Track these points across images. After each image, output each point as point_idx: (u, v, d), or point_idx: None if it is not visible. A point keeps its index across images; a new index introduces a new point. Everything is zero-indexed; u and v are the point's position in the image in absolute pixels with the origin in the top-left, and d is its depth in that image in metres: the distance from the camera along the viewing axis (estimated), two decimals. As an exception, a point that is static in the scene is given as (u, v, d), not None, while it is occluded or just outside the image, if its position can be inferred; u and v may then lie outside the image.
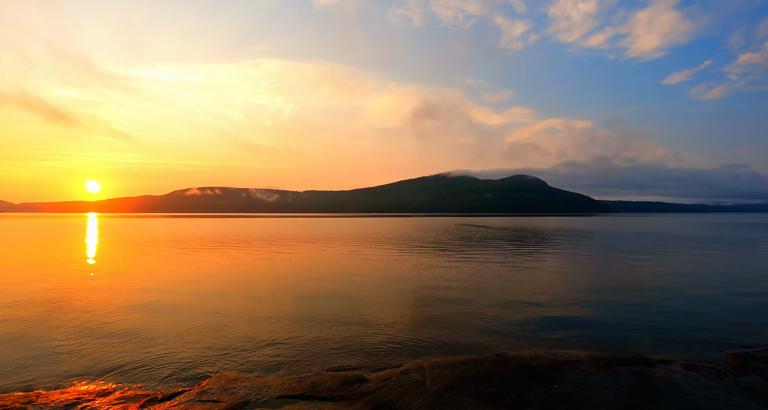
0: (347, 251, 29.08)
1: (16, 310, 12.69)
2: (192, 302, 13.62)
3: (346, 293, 14.59)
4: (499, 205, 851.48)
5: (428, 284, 16.18)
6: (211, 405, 6.17)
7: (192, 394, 6.58)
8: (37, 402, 6.38)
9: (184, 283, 17.14)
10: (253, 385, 6.88)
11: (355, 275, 18.55)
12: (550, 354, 8.43)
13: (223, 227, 72.18)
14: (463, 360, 8.02)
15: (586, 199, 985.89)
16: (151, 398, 6.47)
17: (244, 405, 6.21)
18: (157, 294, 14.83)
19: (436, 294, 14.30)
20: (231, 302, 13.45)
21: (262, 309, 12.45)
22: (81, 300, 13.95)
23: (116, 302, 13.68)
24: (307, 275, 18.59)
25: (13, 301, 13.93)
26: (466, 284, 16.03)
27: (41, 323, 11.19)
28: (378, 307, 12.55)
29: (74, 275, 19.68)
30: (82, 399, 6.52)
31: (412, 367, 7.66)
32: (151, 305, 13.19)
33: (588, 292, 14.67)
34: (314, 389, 6.69)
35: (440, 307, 12.50)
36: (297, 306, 12.78)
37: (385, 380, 7.07)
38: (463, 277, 17.64)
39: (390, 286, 15.83)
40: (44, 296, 14.60)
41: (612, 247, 32.21)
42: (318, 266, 21.79)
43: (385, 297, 13.92)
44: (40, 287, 16.43)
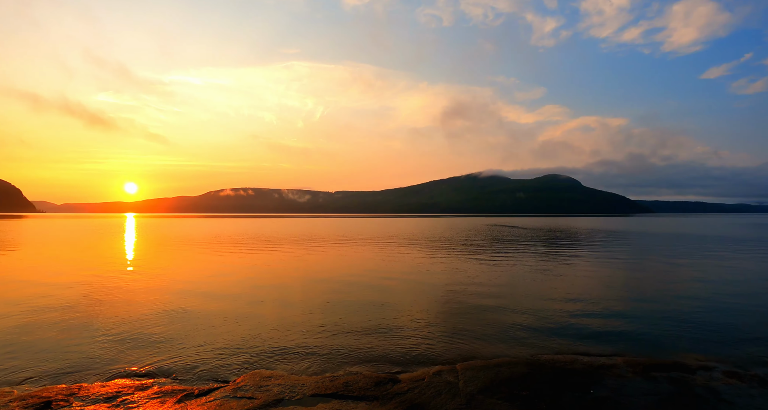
0: (378, 252, 29.15)
1: (59, 306, 13.19)
2: (226, 299, 13.87)
3: (376, 294, 14.62)
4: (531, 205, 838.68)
5: (459, 285, 16.05)
6: (245, 402, 6.26)
7: (227, 390, 6.70)
8: (79, 395, 6.59)
9: (218, 281, 17.49)
10: (286, 383, 6.96)
11: (385, 275, 18.56)
12: (586, 358, 8.25)
13: (256, 227, 73.31)
14: (497, 362, 7.93)
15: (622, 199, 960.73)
16: (187, 393, 6.61)
17: (278, 403, 6.29)
18: (191, 292, 15.17)
19: (467, 296, 14.17)
20: (263, 300, 13.64)
21: (293, 308, 12.57)
22: (119, 297, 14.38)
23: (153, 299, 14.04)
24: (339, 275, 18.69)
25: (55, 298, 14.49)
26: (498, 286, 15.85)
27: (82, 319, 11.57)
28: (409, 308, 12.52)
29: (113, 273, 20.32)
30: (121, 392, 6.71)
31: (445, 369, 7.61)
32: (185, 302, 13.50)
33: (624, 295, 14.28)
34: (347, 388, 6.72)
35: (472, 309, 12.37)
36: (328, 305, 12.86)
37: (417, 381, 7.04)
38: (495, 278, 17.45)
39: (421, 287, 15.77)
40: (85, 293, 15.12)
41: (649, 249, 31.30)
42: (349, 266, 21.91)
43: (416, 298, 13.88)
44: (81, 285, 17.04)
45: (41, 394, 6.55)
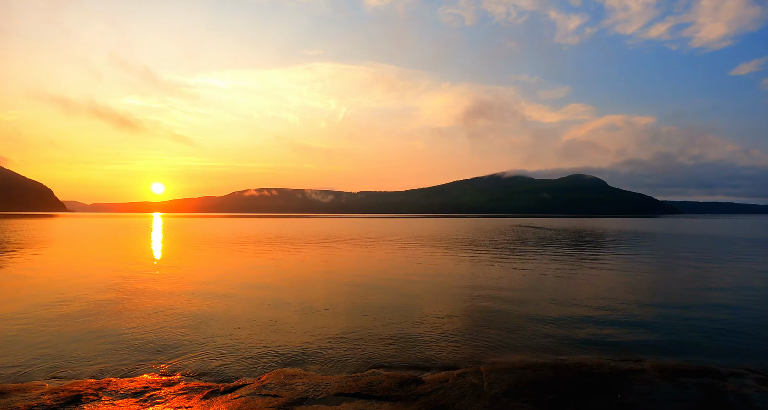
0: (401, 252, 29.14)
1: (87, 302, 13.52)
2: (250, 297, 14.03)
3: (400, 294, 14.60)
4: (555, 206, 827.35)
5: (483, 286, 15.95)
6: (270, 400, 6.31)
7: (252, 388, 6.77)
8: (108, 389, 6.73)
9: (242, 279, 17.72)
10: (311, 382, 7.00)
11: (408, 276, 18.54)
12: (613, 361, 8.10)
13: (280, 227, 73.95)
14: (522, 365, 7.84)
15: (649, 199, 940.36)
16: (213, 390, 6.70)
17: (303, 401, 6.32)
18: (216, 289, 15.39)
19: (490, 297, 14.05)
20: (287, 299, 13.76)
21: (316, 307, 12.64)
22: (146, 294, 14.69)
23: (178, 296, 14.29)
24: (361, 275, 18.74)
25: (84, 294, 14.89)
26: (522, 287, 15.69)
27: (110, 315, 11.84)
28: (432, 309, 12.47)
29: (139, 271, 20.77)
30: (149, 388, 6.83)
31: (469, 370, 7.55)
32: (210, 300, 13.70)
33: (650, 300, 13.97)
34: (371, 388, 6.72)
35: (495, 311, 12.26)
36: (351, 305, 12.89)
37: (441, 382, 7.01)
38: (519, 280, 17.29)
39: (444, 288, 15.71)
40: (112, 290, 15.50)
41: (677, 251, 30.59)
42: (372, 266, 21.95)
43: (439, 299, 13.82)
44: (108, 282, 17.47)
45: (71, 388, 6.71)
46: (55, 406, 6.08)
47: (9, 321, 11.21)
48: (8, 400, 6.30)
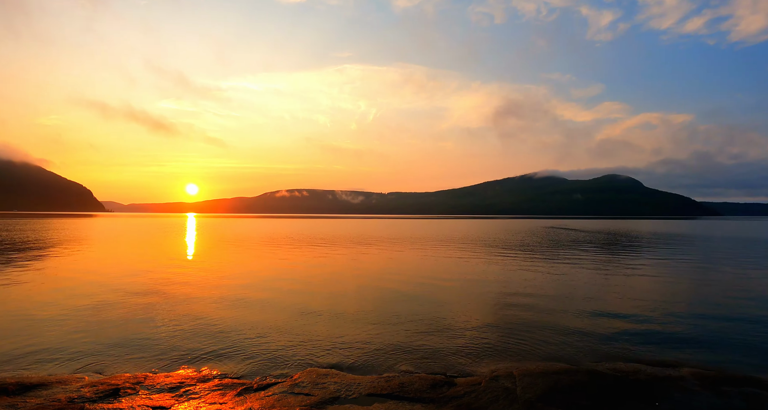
0: (431, 254, 29.00)
1: (125, 299, 13.92)
2: (280, 296, 14.18)
3: (429, 295, 14.53)
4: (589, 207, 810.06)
5: (514, 289, 15.72)
6: (303, 398, 6.35)
7: (285, 386, 6.83)
8: (145, 384, 6.90)
9: (273, 278, 17.93)
10: (342, 381, 7.01)
11: (439, 277, 18.44)
12: (650, 368, 7.85)
13: (311, 228, 74.60)
14: (556, 369, 7.67)
15: (687, 200, 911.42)
16: (247, 387, 6.79)
17: (335, 401, 6.34)
18: (249, 288, 15.62)
19: (522, 300, 13.84)
20: (316, 299, 13.85)
21: (347, 307, 12.68)
22: (180, 291, 15.02)
23: (212, 294, 14.57)
24: (391, 276, 18.73)
25: (122, 291, 15.34)
26: (555, 291, 15.39)
27: (146, 311, 12.14)
28: (462, 310, 12.35)
29: (174, 269, 21.26)
30: (184, 383, 6.97)
31: (502, 374, 7.44)
32: (243, 298, 13.90)
33: (688, 305, 13.47)
34: (402, 389, 6.69)
35: (527, 314, 12.06)
36: (381, 306, 12.88)
37: (474, 385, 6.92)
38: (552, 283, 16.97)
39: (475, 290, 15.55)
40: (148, 287, 15.91)
41: (716, 256, 29.43)
42: (401, 267, 21.91)
43: (470, 301, 13.69)
44: (145, 279, 17.98)
45: (110, 381, 6.89)
46: (94, 399, 6.25)
47: (50, 315, 11.62)
48: (50, 392, 6.51)
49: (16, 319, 11.34)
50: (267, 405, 6.09)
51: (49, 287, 15.68)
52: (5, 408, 5.57)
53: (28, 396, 6.31)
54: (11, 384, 6.68)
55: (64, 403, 5.83)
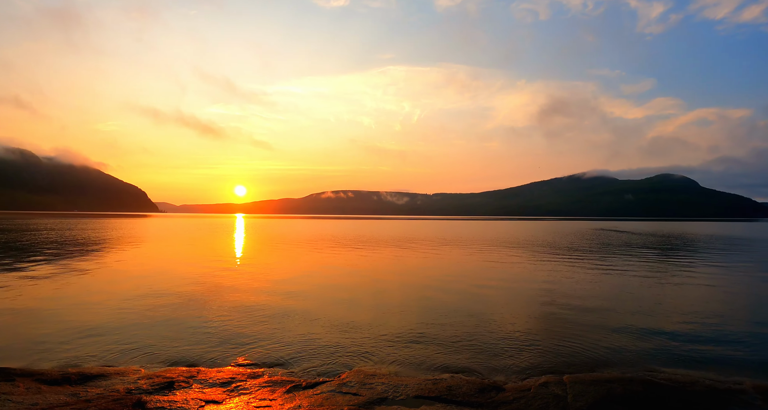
0: (477, 256, 28.57)
1: (175, 295, 14.41)
2: (326, 296, 14.34)
3: (475, 298, 14.31)
4: (641, 208, 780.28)
5: (562, 293, 15.24)
6: (350, 398, 6.37)
7: (332, 385, 6.87)
8: (198, 378, 7.10)
9: (318, 278, 18.13)
10: (390, 382, 6.99)
11: (484, 280, 18.13)
12: (708, 380, 7.43)
13: (356, 229, 75.09)
14: (608, 378, 7.38)
15: (746, 201, 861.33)
16: (295, 384, 6.87)
17: (382, 401, 6.33)
18: (295, 287, 15.87)
19: (571, 305, 13.40)
20: (361, 299, 13.93)
21: (391, 308, 12.67)
22: (230, 289, 15.42)
23: (260, 292, 14.86)
24: (436, 278, 18.59)
25: (172, 287, 15.91)
26: (606, 296, 14.83)
27: (198, 308, 12.55)
28: (508, 314, 12.10)
29: (223, 267, 21.86)
30: (235, 378, 7.13)
31: (552, 381, 7.23)
32: (290, 297, 14.13)
33: (747, 314, 12.66)
34: (450, 392, 6.61)
35: (576, 319, 11.66)
36: (425, 308, 12.79)
37: (523, 391, 6.76)
38: (602, 288, 16.38)
39: (521, 293, 15.20)
40: (198, 284, 16.47)
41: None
42: (447, 269, 21.69)
43: (516, 305, 13.38)
44: (194, 276, 18.57)
45: (165, 374, 7.13)
46: (150, 390, 6.47)
47: (107, 309, 12.18)
48: (109, 382, 6.79)
49: (75, 312, 11.96)
50: (316, 404, 6.15)
51: (106, 283, 16.48)
52: (69, 396, 5.83)
53: (89, 385, 6.59)
54: (73, 373, 7.00)
55: (123, 394, 6.05)
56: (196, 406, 5.99)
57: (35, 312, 11.92)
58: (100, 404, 5.32)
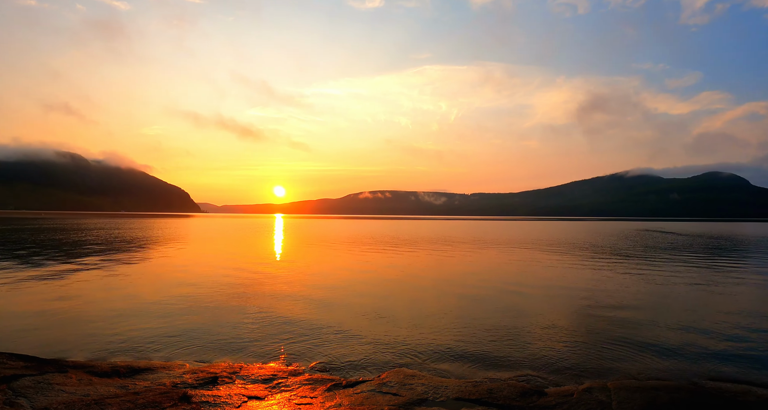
0: (516, 257, 27.96)
1: (219, 293, 14.74)
2: (363, 295, 14.40)
3: (513, 300, 14.08)
4: (687, 208, 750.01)
5: (605, 296, 14.77)
6: (390, 398, 6.37)
7: (372, 384, 6.89)
8: (241, 374, 7.25)
9: (357, 277, 18.21)
10: (430, 383, 6.95)
11: (523, 281, 17.78)
12: (761, 390, 7.07)
13: (393, 229, 75.12)
14: (654, 385, 7.13)
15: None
16: (336, 383, 6.93)
17: (422, 402, 6.30)
18: (333, 286, 16.00)
19: (614, 308, 12.97)
20: (399, 300, 13.91)
21: (428, 309, 12.61)
22: (270, 288, 15.65)
23: (299, 291, 15.04)
24: (474, 279, 18.38)
25: (217, 285, 16.28)
26: (650, 300, 14.32)
27: (239, 304, 12.81)
28: (549, 317, 11.84)
29: (264, 265, 22.22)
30: (277, 375, 7.24)
31: (596, 386, 7.02)
32: (328, 296, 14.26)
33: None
34: (491, 395, 6.52)
35: (619, 323, 11.29)
36: (463, 310, 12.67)
37: (565, 396, 6.60)
38: (646, 291, 15.82)
39: (562, 296, 14.81)
40: (239, 282, 16.79)
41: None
42: (485, 270, 21.36)
43: (557, 307, 13.08)
44: (235, 274, 18.96)
45: (209, 370, 7.31)
46: (195, 385, 6.64)
47: (151, 304, 12.60)
48: (156, 376, 7.01)
49: (122, 307, 12.45)
50: (356, 403, 6.17)
51: (150, 279, 17.09)
52: (118, 388, 6.03)
53: (137, 378, 6.82)
54: (122, 367, 7.25)
55: (169, 387, 6.23)
56: (239, 401, 6.11)
57: (85, 306, 12.48)
58: (147, 397, 5.49)
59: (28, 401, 5.21)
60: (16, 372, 6.04)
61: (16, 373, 6.01)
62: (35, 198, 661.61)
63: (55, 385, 5.78)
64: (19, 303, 12.84)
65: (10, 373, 5.96)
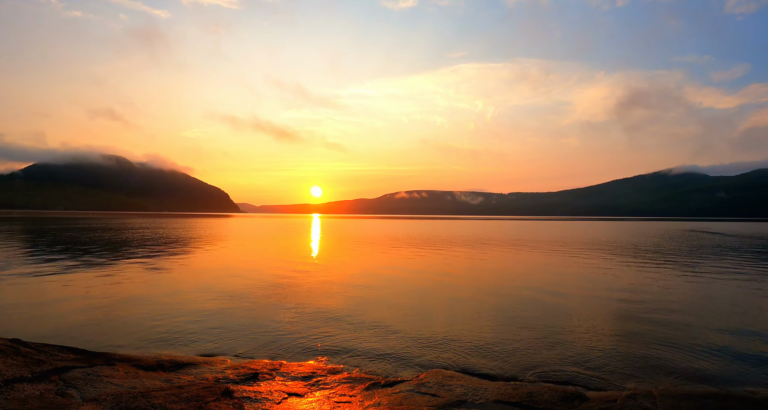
0: (555, 257, 27.14)
1: (258, 289, 15.00)
2: (400, 296, 14.37)
3: (553, 302, 13.76)
4: (735, 207, 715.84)
5: (648, 299, 14.21)
6: (429, 398, 6.34)
7: (411, 384, 6.87)
8: (280, 370, 7.35)
9: (394, 278, 18.18)
10: (469, 385, 6.88)
11: (561, 282, 17.34)
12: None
13: (430, 229, 74.76)
14: (702, 392, 6.84)
15: None
16: (374, 382, 6.94)
17: (461, 404, 6.24)
18: (370, 286, 16.08)
19: (658, 312, 12.47)
20: (435, 301, 13.86)
21: (465, 310, 12.49)
22: (308, 286, 15.82)
23: (336, 289, 15.17)
24: (510, 280, 18.11)
25: (256, 282, 16.56)
26: (696, 303, 13.71)
27: (277, 302, 13.02)
28: (589, 320, 11.51)
29: (301, 264, 22.49)
30: (316, 373, 7.32)
31: (640, 392, 6.79)
32: (365, 295, 14.33)
33: None
34: (531, 399, 6.40)
35: (664, 327, 10.86)
36: (500, 310, 12.51)
37: (608, 402, 6.41)
38: (692, 294, 15.16)
39: (603, 298, 14.36)
40: (279, 280, 17.03)
41: None
42: (522, 271, 20.89)
43: (598, 310, 12.70)
44: (274, 272, 19.26)
45: (250, 366, 7.44)
46: (237, 381, 6.77)
47: (196, 302, 12.91)
48: (199, 370, 7.19)
49: (165, 302, 12.88)
50: (395, 402, 6.17)
51: (193, 276, 17.63)
52: (163, 382, 6.20)
53: (181, 373, 7.00)
54: (167, 361, 7.47)
55: (212, 382, 6.37)
56: (279, 398, 6.19)
57: (131, 301, 12.98)
58: (191, 391, 5.63)
59: (78, 392, 5.42)
60: (67, 364, 6.29)
61: (67, 365, 6.26)
62: (84, 199, 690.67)
63: (104, 377, 5.99)
64: (69, 298, 13.44)
65: (62, 365, 6.21)
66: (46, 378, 5.69)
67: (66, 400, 5.08)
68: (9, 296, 13.69)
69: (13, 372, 5.47)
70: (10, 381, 5.26)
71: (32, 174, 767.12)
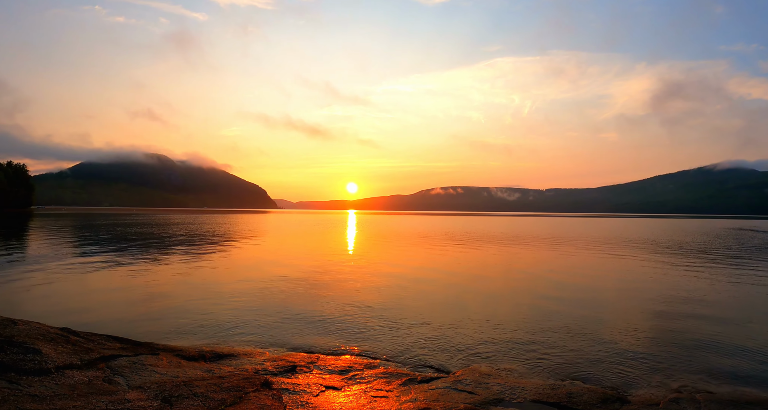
0: (594, 255, 26.04)
1: (296, 283, 15.21)
2: (436, 293, 14.36)
3: (593, 301, 13.47)
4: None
5: (691, 300, 13.61)
6: (466, 396, 6.31)
7: (447, 381, 6.86)
8: (318, 364, 7.48)
9: (430, 274, 18.19)
10: (506, 383, 6.82)
11: (601, 280, 16.90)
12: None
13: (466, 225, 74.18)
14: (749, 399, 6.57)
15: None
16: (411, 378, 6.96)
17: (499, 403, 6.19)
18: (406, 282, 16.14)
19: (703, 314, 11.93)
20: (471, 297, 13.81)
21: (501, 308, 12.38)
22: (348, 281, 15.94)
23: (372, 285, 15.24)
24: (549, 277, 17.88)
25: (295, 277, 16.77)
26: (744, 306, 13.08)
27: (314, 296, 13.19)
28: (631, 319, 11.21)
29: (337, 259, 22.69)
30: (353, 367, 7.40)
31: (684, 397, 6.57)
32: (401, 292, 14.36)
33: None
34: (570, 400, 6.29)
35: (708, 330, 10.41)
36: (537, 308, 12.38)
37: (650, 405, 6.23)
38: (740, 296, 14.44)
39: (644, 299, 13.81)
40: (316, 275, 17.25)
41: None
42: (561, 268, 20.40)
43: (638, 311, 12.29)
44: (313, 268, 19.49)
45: (288, 358, 7.59)
46: (275, 373, 6.91)
47: (236, 294, 13.23)
48: (238, 362, 7.38)
49: (206, 294, 13.29)
50: (431, 398, 6.17)
51: (233, 269, 18.15)
52: (204, 372, 6.37)
53: (221, 364, 7.19)
54: (208, 352, 7.69)
55: (251, 373, 6.51)
56: (317, 390, 6.29)
57: (173, 292, 13.44)
58: (232, 381, 5.76)
59: (124, 379, 5.63)
60: (114, 353, 6.54)
61: (113, 353, 6.51)
62: (128, 196, 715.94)
63: (148, 366, 6.20)
64: (116, 289, 14.03)
65: (109, 353, 6.45)
66: (94, 365, 5.93)
67: (113, 387, 5.28)
68: (59, 286, 14.37)
69: (64, 359, 5.72)
70: (61, 367, 5.50)
71: (79, 172, 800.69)
